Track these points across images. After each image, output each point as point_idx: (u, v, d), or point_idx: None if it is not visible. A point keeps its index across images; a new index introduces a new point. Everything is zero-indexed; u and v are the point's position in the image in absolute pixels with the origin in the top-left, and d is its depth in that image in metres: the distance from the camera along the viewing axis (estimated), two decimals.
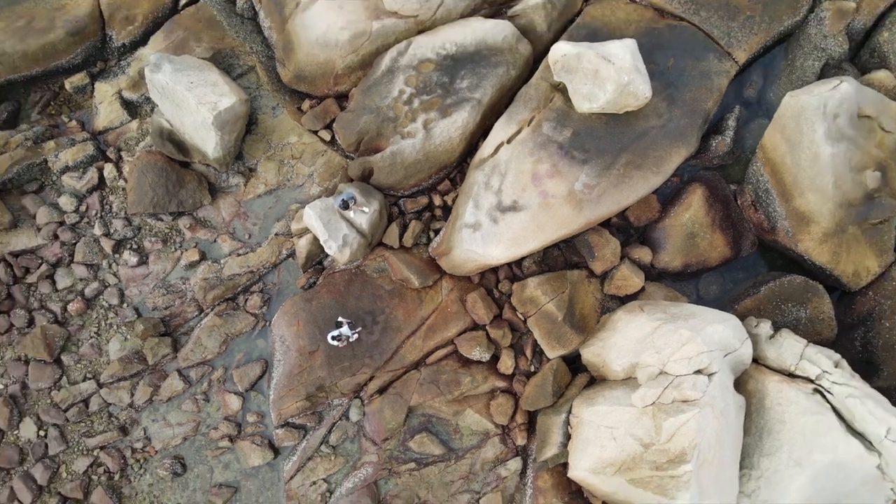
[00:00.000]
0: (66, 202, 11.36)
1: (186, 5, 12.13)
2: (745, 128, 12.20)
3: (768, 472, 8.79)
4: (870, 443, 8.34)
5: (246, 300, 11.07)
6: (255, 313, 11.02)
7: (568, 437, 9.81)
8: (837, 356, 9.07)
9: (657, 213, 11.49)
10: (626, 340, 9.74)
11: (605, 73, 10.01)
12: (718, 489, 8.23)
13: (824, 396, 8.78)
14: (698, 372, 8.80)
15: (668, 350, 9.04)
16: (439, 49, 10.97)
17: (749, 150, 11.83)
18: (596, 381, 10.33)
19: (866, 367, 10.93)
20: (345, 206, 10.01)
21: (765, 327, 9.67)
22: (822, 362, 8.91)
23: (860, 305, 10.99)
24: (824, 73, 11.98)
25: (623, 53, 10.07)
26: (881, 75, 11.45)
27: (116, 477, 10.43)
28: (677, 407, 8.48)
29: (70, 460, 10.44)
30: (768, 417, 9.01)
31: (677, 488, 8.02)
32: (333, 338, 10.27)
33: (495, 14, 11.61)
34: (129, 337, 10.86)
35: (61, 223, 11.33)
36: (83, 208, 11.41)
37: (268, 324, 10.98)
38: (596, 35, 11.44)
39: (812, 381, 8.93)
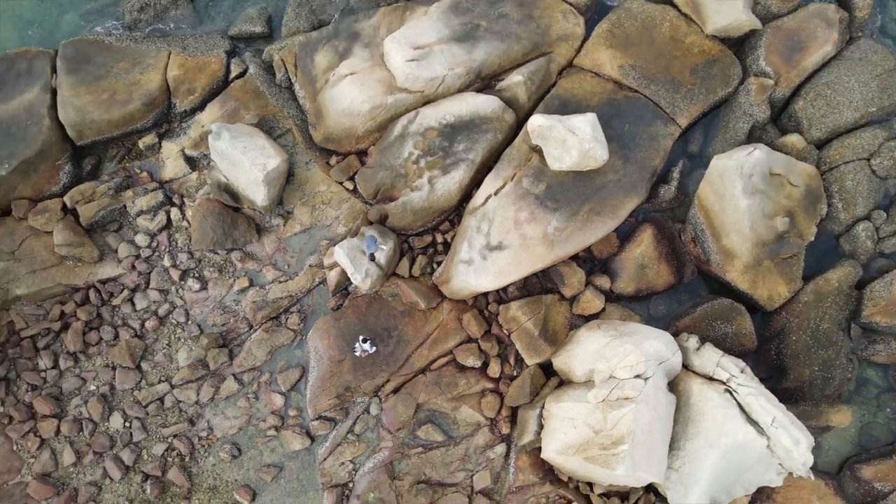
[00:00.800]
0: (141, 239, 14.15)
1: (235, 78, 14.94)
2: (688, 176, 14.99)
3: (690, 451, 11.60)
4: (761, 429, 11.15)
5: (287, 318, 13.86)
6: (294, 329, 13.80)
7: (541, 427, 12.60)
8: (743, 364, 11.87)
9: (616, 247, 14.30)
10: (586, 352, 12.54)
11: (570, 142, 12.82)
12: (649, 464, 11.03)
13: (732, 395, 11.58)
14: (637, 376, 11.59)
15: (615, 360, 11.84)
16: (441, 119, 13.78)
17: (691, 195, 14.61)
18: (564, 383, 13.13)
19: (779, 372, 13.77)
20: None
21: (692, 341, 12.49)
22: (731, 369, 11.71)
23: (774, 323, 13.82)
24: (752, 133, 14.79)
25: (585, 126, 12.86)
26: (794, 138, 14.27)
27: (187, 459, 13.22)
28: (620, 403, 11.28)
29: (150, 446, 13.23)
30: (692, 411, 11.82)
31: (616, 463, 10.82)
32: (357, 349, 13.07)
33: (485, 88, 14.42)
34: (194, 348, 13.65)
35: (137, 256, 14.11)
36: (155, 244, 14.20)
37: (304, 338, 13.76)
38: (566, 105, 14.24)
39: (724, 383, 11.74)
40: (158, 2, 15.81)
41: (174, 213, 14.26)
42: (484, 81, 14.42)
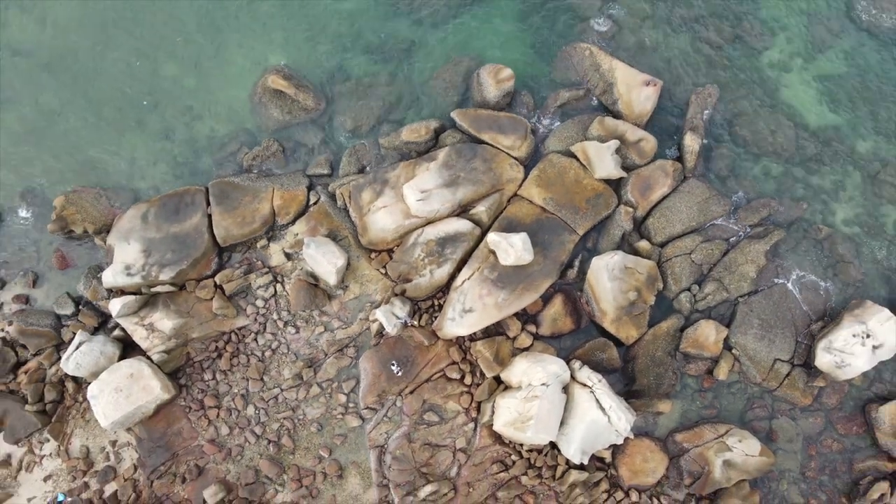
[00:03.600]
0: (259, 303, 23.95)
1: (313, 204, 24.75)
2: (586, 263, 24.78)
3: (571, 424, 21.41)
4: (606, 412, 21.01)
5: (347, 350, 23.66)
6: (351, 357, 23.62)
7: (493, 412, 22.42)
8: (600, 376, 21.69)
9: (540, 307, 24.10)
10: (518, 370, 22.36)
11: (510, 250, 22.64)
12: (546, 431, 20.85)
13: (593, 393, 21.45)
14: (543, 384, 21.42)
15: (532, 375, 21.66)
16: (437, 234, 23.62)
17: (586, 275, 24.41)
18: (506, 388, 22.97)
19: (632, 381, 23.61)
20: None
21: (576, 364, 22.36)
22: (594, 379, 21.58)
23: (630, 352, 23.70)
24: (623, 238, 24.64)
25: (518, 241, 22.67)
26: (643, 243, 24.12)
27: (291, 431, 23.02)
28: (532, 399, 21.12)
29: (270, 423, 23.02)
30: (573, 403, 21.65)
31: (528, 430, 20.65)
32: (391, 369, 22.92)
33: (462, 213, 24.26)
34: (293, 367, 23.45)
35: (258, 313, 23.91)
36: (268, 306, 24.02)
37: (357, 361, 23.55)
38: (511, 223, 24.07)
39: (590, 388, 21.61)
40: (263, 153, 25.66)
41: (279, 287, 24.11)
42: (462, 209, 24.28)
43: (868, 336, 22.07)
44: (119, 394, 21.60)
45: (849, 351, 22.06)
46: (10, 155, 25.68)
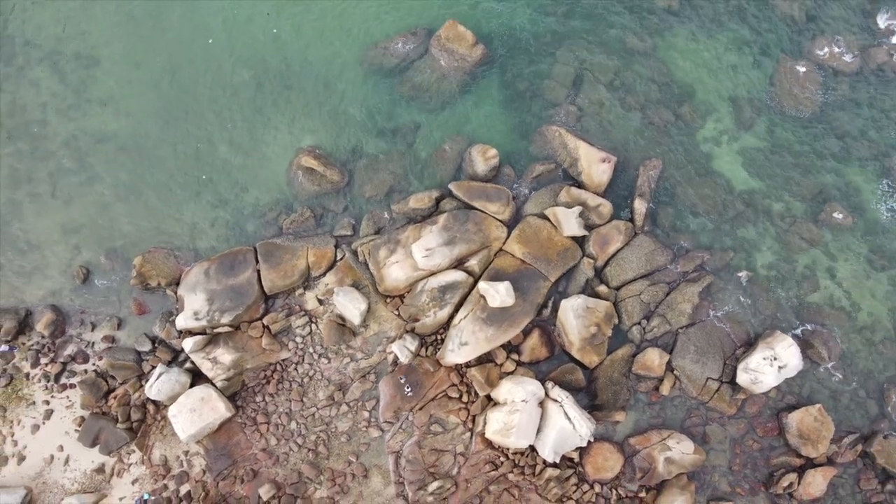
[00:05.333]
0: (299, 340, 30.15)
1: (339, 260, 31.10)
2: (558, 303, 31.03)
3: (545, 432, 27.50)
4: (571, 421, 27.14)
5: (369, 376, 29.83)
6: (372, 381, 29.75)
7: (485, 423, 28.55)
8: (567, 393, 27.87)
9: (521, 339, 30.33)
10: (504, 390, 28.51)
11: (496, 296, 28.95)
12: (526, 437, 26.93)
13: (562, 407, 27.62)
14: (523, 401, 27.58)
15: (515, 394, 27.84)
16: (439, 283, 29.95)
17: (557, 313, 30.68)
18: (496, 403, 29.11)
19: (594, 397, 29.79)
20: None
21: (549, 384, 28.55)
22: (562, 395, 27.76)
23: (592, 374, 29.90)
24: (586, 284, 30.97)
25: (502, 288, 28.98)
26: (602, 288, 30.48)
27: (326, 441, 29.05)
28: (514, 412, 27.28)
29: (309, 435, 29.04)
30: (547, 415, 27.77)
31: (511, 437, 26.77)
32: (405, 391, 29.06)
33: (458, 266, 30.63)
34: (326, 390, 29.57)
35: (298, 347, 30.10)
36: (305, 342, 30.22)
37: (377, 385, 29.70)
38: (498, 273, 30.38)
39: (560, 402, 27.79)
40: (298, 218, 32.06)
41: (313, 326, 30.35)
42: (458, 262, 30.66)
43: (775, 359, 28.36)
44: (193, 413, 27.72)
45: (761, 371, 28.34)
46: (95, 223, 32.05)
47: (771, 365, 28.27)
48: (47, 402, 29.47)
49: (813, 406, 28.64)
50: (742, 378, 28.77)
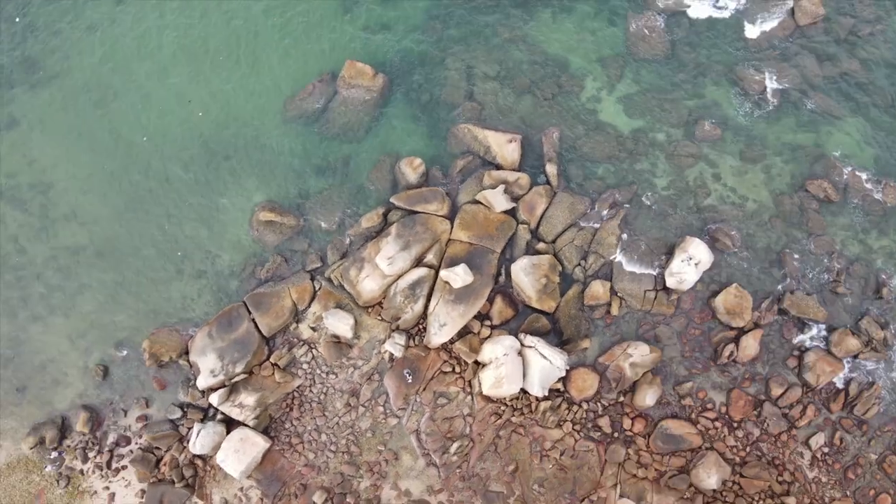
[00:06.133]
0: (305, 366, 34.69)
1: (319, 289, 35.75)
2: (509, 267, 36.43)
3: (530, 374, 32.95)
4: (547, 359, 32.65)
5: (373, 377, 34.66)
6: (377, 380, 34.56)
7: (480, 383, 33.79)
8: (538, 338, 33.37)
9: (489, 308, 35.60)
10: (487, 352, 33.75)
11: (457, 278, 34.13)
12: (513, 384, 32.32)
13: (537, 350, 33.08)
14: (505, 355, 32.93)
15: (497, 351, 33.15)
16: (407, 283, 34.97)
17: (511, 277, 36.12)
18: (484, 365, 34.37)
19: (562, 335, 35.37)
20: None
21: (522, 336, 34.01)
22: (535, 341, 33.22)
23: (554, 317, 35.46)
24: (528, 245, 36.47)
25: (461, 270, 34.16)
26: (541, 245, 36.00)
27: (355, 441, 33.76)
28: (500, 366, 32.57)
29: (339, 441, 33.69)
30: (527, 360, 33.10)
31: (503, 386, 32.11)
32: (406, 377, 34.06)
33: (419, 264, 35.68)
34: (342, 400, 34.27)
35: (306, 373, 34.67)
36: (311, 367, 34.80)
37: (383, 382, 34.55)
38: (453, 259, 35.53)
39: (533, 347, 33.23)
40: (272, 266, 36.51)
41: (314, 351, 34.99)
42: (418, 261, 35.72)
43: (691, 258, 34.47)
44: (238, 453, 32.10)
45: (682, 272, 34.43)
46: (97, 324, 35.86)
47: (689, 265, 34.37)
48: (107, 488, 33.33)
49: (731, 286, 34.85)
50: (670, 282, 34.82)
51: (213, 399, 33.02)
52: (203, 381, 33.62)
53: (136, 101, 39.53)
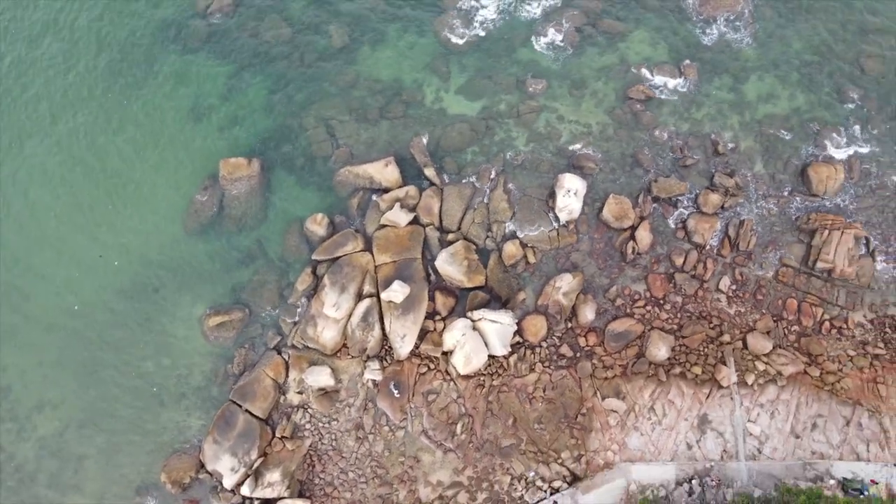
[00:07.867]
0: (308, 426, 38.50)
1: (289, 360, 39.51)
2: (433, 265, 41.44)
3: (490, 340, 38.12)
4: (498, 322, 37.91)
5: (367, 406, 38.81)
6: (372, 407, 38.75)
7: (454, 367, 38.64)
8: (483, 309, 38.58)
9: (433, 305, 40.52)
10: (448, 340, 38.53)
11: (397, 294, 38.81)
12: (480, 353, 37.47)
13: (486, 319, 38.28)
14: (463, 335, 37.89)
15: (455, 336, 38.05)
16: (358, 317, 39.26)
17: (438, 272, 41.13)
18: (451, 352, 39.21)
19: (500, 298, 40.70)
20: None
21: (470, 314, 39.12)
22: (482, 313, 38.44)
23: (488, 287, 40.76)
24: (440, 241, 41.59)
25: (396, 286, 38.87)
26: (451, 235, 41.24)
27: (378, 464, 37.90)
28: (463, 346, 37.53)
29: (364, 471, 37.72)
30: (483, 331, 38.26)
31: (472, 360, 37.12)
32: (392, 392, 38.47)
33: (361, 298, 40.13)
34: (350, 436, 38.26)
35: (311, 430, 38.44)
36: (313, 423, 38.61)
37: (376, 405, 38.80)
38: (386, 280, 40.15)
39: (482, 318, 38.44)
40: (241, 360, 39.91)
41: (310, 410, 38.77)
42: (359, 296, 40.14)
43: (569, 190, 40.60)
44: None
45: (568, 204, 40.51)
46: (111, 483, 38.30)
47: (570, 196, 40.49)
48: None
49: (609, 198, 41.24)
50: (562, 216, 40.86)
51: (245, 490, 36.33)
52: (229, 481, 36.83)
53: (51, 286, 41.85)
